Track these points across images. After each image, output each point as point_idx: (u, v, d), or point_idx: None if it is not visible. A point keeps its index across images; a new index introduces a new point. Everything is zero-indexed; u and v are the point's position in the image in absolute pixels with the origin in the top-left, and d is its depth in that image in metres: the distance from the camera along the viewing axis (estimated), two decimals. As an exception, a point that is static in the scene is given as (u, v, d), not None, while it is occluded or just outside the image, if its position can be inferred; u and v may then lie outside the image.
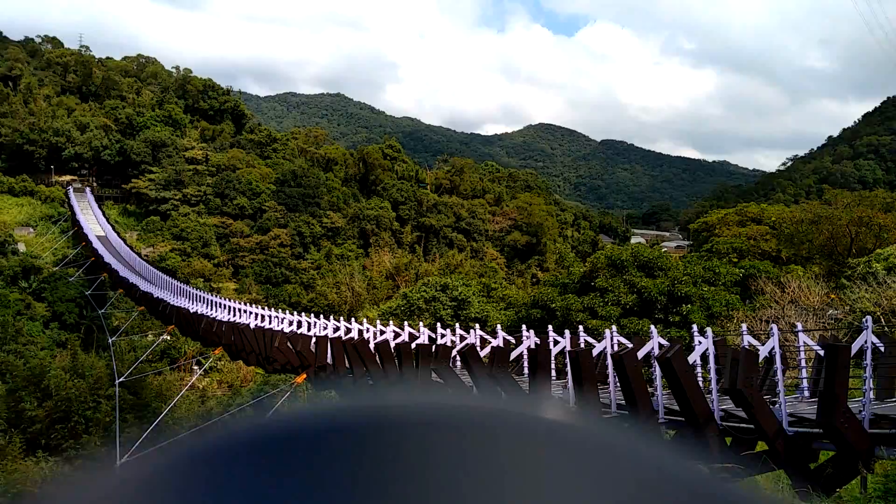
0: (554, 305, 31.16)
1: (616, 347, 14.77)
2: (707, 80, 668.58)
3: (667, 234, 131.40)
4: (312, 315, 28.67)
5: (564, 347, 15.83)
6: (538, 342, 16.80)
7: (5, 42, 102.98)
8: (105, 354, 49.17)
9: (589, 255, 61.43)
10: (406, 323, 23.14)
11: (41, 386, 36.00)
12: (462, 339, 19.41)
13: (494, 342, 17.80)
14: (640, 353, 12.83)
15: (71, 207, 69.03)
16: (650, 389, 12.67)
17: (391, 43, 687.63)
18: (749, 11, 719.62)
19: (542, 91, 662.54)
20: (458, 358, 18.05)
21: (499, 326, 19.02)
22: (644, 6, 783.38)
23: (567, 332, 16.50)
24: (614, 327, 16.75)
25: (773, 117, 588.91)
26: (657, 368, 12.22)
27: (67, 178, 75.77)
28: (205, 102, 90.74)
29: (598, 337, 16.67)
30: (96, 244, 57.92)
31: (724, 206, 74.23)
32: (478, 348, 17.08)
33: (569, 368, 14.19)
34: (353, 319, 26.04)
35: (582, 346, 16.15)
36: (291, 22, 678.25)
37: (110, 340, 43.67)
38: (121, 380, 38.22)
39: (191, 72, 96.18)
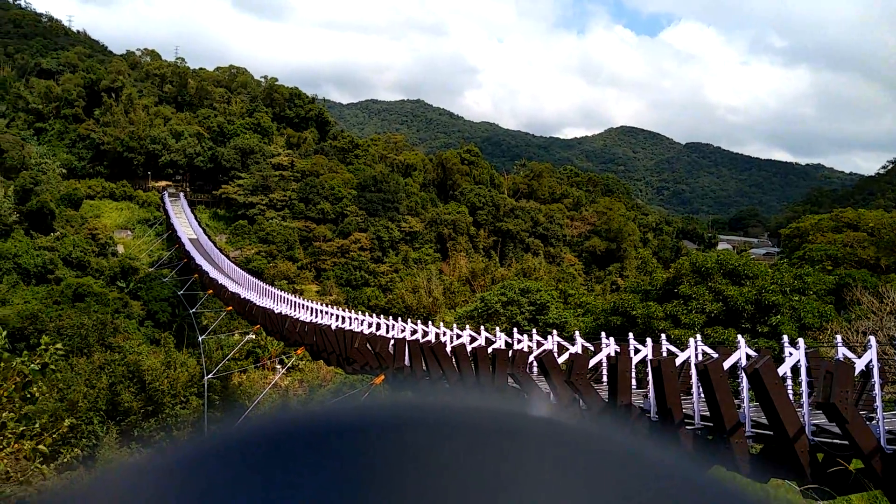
0: (635, 312, 30.46)
1: (700, 357, 14.29)
2: (799, 79, 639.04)
3: (755, 240, 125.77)
4: (391, 318, 29.12)
5: (646, 356, 15.44)
6: (618, 350, 16.46)
7: (110, 55, 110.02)
8: (195, 352, 51.59)
9: (671, 261, 59.67)
10: (482, 327, 23.16)
11: (136, 380, 38.13)
12: (539, 344, 19.25)
13: (573, 349, 17.56)
14: (727, 364, 12.37)
15: (166, 212, 72.80)
16: (736, 402, 12.19)
17: (470, 47, 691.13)
18: (846, 5, 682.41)
19: (623, 93, 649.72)
20: (534, 364, 17.92)
21: (577, 333, 18.75)
22: (731, 4, 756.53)
23: (649, 340, 16.08)
24: (698, 336, 16.20)
25: (872, 117, 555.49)
26: (744, 380, 11.75)
27: (163, 183, 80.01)
28: (291, 111, 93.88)
29: (681, 346, 16.17)
30: (188, 246, 60.73)
31: (818, 212, 70.49)
32: (555, 355, 16.90)
33: (650, 378, 13.84)
34: (430, 323, 26.27)
35: (664, 355, 15.72)
36: (372, 29, 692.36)
37: (200, 339, 45.72)
38: (209, 376, 40.02)
39: (277, 80, 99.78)
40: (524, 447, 0.49)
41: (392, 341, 23.82)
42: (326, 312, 34.32)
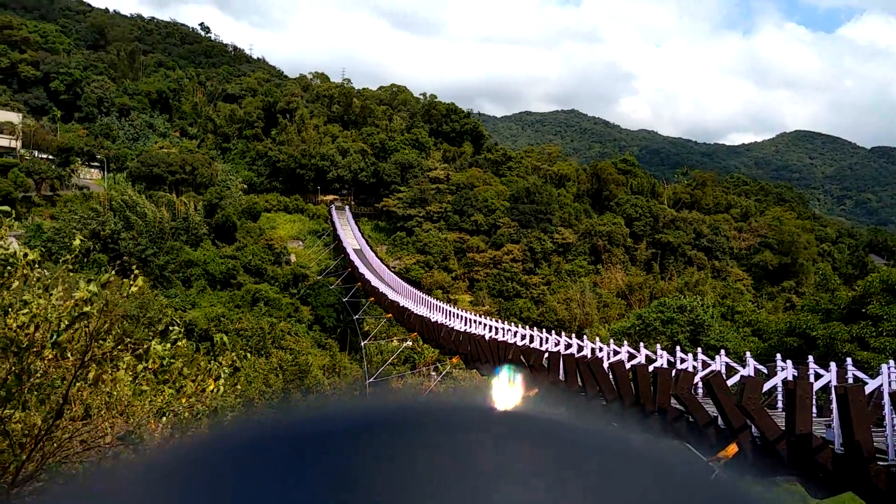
0: (815, 334, 27.87)
1: (895, 385, 12.76)
2: None
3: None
4: (544, 330, 28.87)
5: (829, 382, 14.06)
6: (796, 374, 15.14)
7: (284, 79, 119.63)
8: (356, 356, 54.34)
9: (855, 277, 54.07)
10: (642, 344, 22.28)
11: (305, 381, 40.80)
12: (705, 365, 18.17)
13: (744, 371, 16.39)
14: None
15: (332, 224, 77.55)
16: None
17: (625, 54, 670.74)
18: None
19: (797, 95, 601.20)
20: (700, 385, 16.94)
21: (748, 354, 17.49)
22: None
23: (832, 364, 14.63)
24: (892, 362, 14.49)
25: None
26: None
27: (330, 197, 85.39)
28: (447, 125, 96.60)
29: (871, 372, 14.54)
30: (352, 256, 64.16)
31: None
32: (723, 376, 15.86)
33: (834, 406, 12.58)
34: (584, 337, 25.73)
35: (850, 381, 14.21)
36: (525, 40, 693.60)
37: (362, 344, 48.10)
38: (370, 380, 41.92)
39: (436, 97, 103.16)
40: (497, 441, 0.49)
41: (546, 354, 23.60)
42: (479, 322, 34.71)
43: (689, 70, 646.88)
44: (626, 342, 22.91)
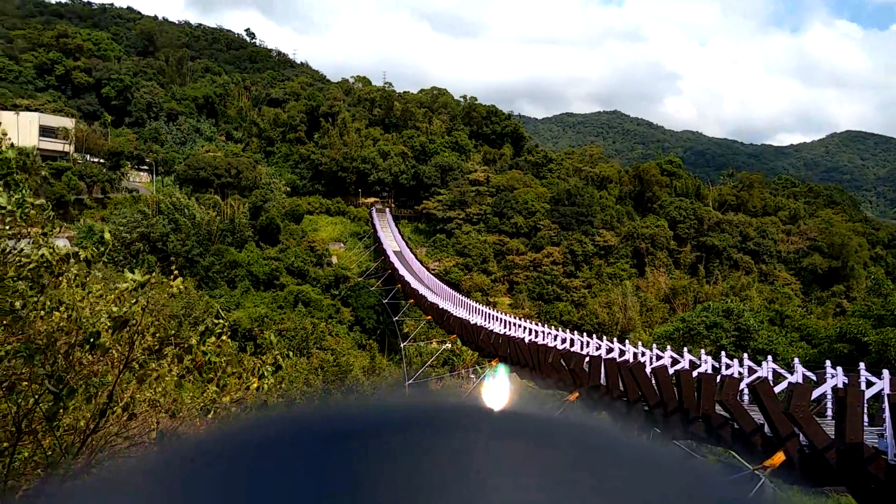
0: (866, 339, 26.99)
1: (954, 396, 12.24)
2: None
3: None
4: (585, 334, 28.57)
5: (882, 390, 13.58)
6: (846, 381, 14.67)
7: (327, 83, 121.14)
8: (395, 357, 54.63)
9: (911, 282, 52.29)
10: (685, 349, 21.86)
11: (345, 382, 41.18)
12: (751, 371, 17.73)
13: (792, 378, 15.95)
14: None
15: (373, 226, 78.20)
16: None
17: (669, 53, 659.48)
18: None
19: (846, 94, 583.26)
20: (745, 391, 16.54)
21: (796, 360, 17.01)
22: None
23: (885, 372, 14.12)
24: (951, 371, 13.91)
25: None
26: None
27: (371, 199, 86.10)
28: (487, 128, 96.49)
29: (928, 381, 13.97)
30: (392, 258, 64.58)
31: None
32: (770, 383, 15.45)
33: (887, 415, 12.15)
34: (626, 341, 25.37)
35: (905, 390, 13.69)
36: (566, 41, 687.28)
37: (402, 345, 48.33)
38: (410, 381, 42.08)
39: (476, 99, 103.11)
40: (496, 441, 0.49)
41: (587, 358, 23.34)
42: (518, 325, 34.54)
43: (734, 69, 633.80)
44: (669, 347, 22.52)
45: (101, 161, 76.22)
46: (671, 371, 18.51)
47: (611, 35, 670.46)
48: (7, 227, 4.71)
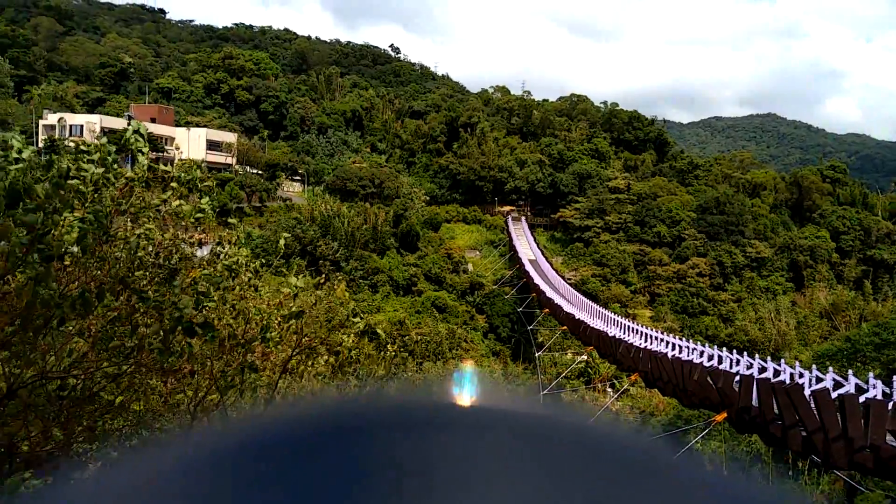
0: None
1: None
2: None
3: None
4: (734, 351, 26.88)
5: None
6: None
7: (467, 94, 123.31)
8: (529, 366, 54.30)
9: None
10: (850, 371, 19.96)
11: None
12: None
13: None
14: None
15: (508, 234, 78.38)
16: None
17: (830, 50, 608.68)
18: None
19: None
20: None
21: None
22: None
23: None
24: None
25: None
26: None
27: (507, 208, 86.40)
28: (629, 134, 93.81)
29: None
30: (528, 267, 64.34)
31: None
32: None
33: None
34: (781, 360, 23.58)
35: None
36: (712, 41, 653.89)
37: (536, 354, 47.95)
38: (544, 392, 41.65)
39: (617, 105, 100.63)
40: (500, 441, 0.49)
41: (737, 377, 21.95)
42: (660, 339, 33.13)
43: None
44: (831, 368, 20.65)
45: (259, 172, 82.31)
46: (834, 395, 16.98)
47: (761, 33, 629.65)
48: (188, 234, 5.21)
